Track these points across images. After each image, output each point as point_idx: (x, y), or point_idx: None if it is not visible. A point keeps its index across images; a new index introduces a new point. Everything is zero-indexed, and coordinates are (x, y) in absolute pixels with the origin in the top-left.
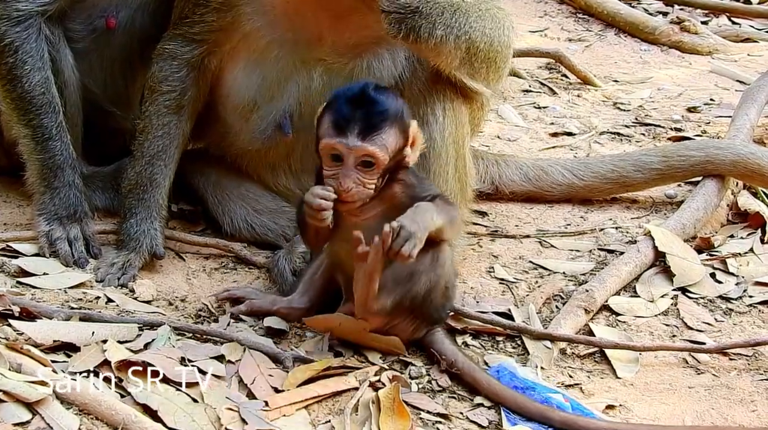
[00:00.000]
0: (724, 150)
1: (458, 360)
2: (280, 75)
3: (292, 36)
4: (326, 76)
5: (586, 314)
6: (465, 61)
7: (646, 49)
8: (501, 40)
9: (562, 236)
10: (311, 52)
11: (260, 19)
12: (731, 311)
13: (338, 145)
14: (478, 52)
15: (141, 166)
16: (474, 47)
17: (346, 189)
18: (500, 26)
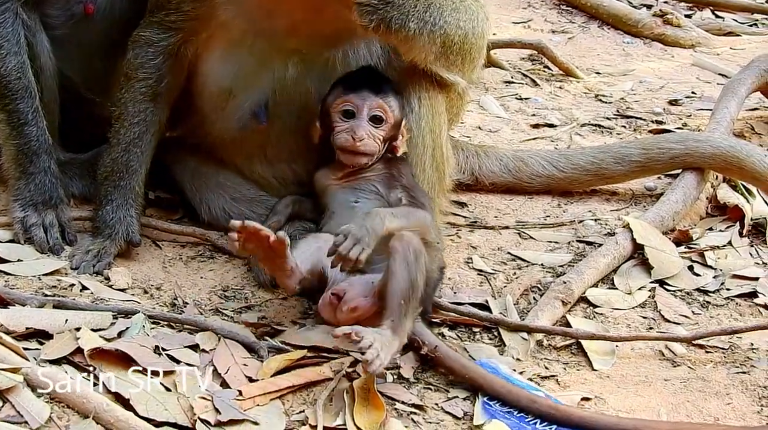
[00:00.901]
0: (703, 143)
1: (438, 346)
2: (256, 64)
3: (267, 26)
4: (301, 66)
5: (563, 305)
6: (440, 54)
7: (629, 41)
8: (475, 32)
9: (541, 227)
10: (286, 42)
11: (235, 8)
12: (708, 304)
13: (354, 98)
14: (452, 44)
15: (117, 153)
16: (449, 40)
17: (360, 137)
18: (475, 18)
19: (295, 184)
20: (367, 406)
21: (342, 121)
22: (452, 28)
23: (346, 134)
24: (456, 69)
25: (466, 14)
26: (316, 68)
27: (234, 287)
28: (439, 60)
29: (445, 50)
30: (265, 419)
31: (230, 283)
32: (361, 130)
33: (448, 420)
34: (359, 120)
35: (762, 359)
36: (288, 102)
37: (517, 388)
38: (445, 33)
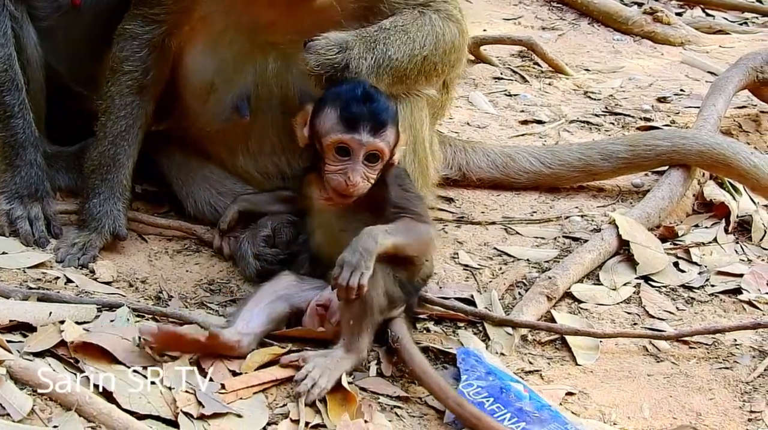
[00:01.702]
0: (690, 140)
1: (402, 339)
2: (237, 58)
3: (247, 20)
4: (281, 60)
5: (548, 301)
6: (394, 83)
7: (619, 38)
8: (438, 51)
9: (527, 223)
10: (266, 36)
11: (216, 2)
12: (693, 300)
13: (351, 140)
14: (407, 72)
15: (104, 146)
16: (400, 72)
17: (355, 183)
18: (436, 38)
19: (278, 178)
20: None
21: (335, 159)
22: (402, 60)
23: (340, 176)
24: (420, 86)
25: (424, 38)
26: (296, 63)
27: (219, 280)
28: (396, 87)
29: (399, 79)
30: (248, 413)
31: (216, 276)
32: (356, 175)
33: (431, 414)
34: (354, 163)
35: (745, 355)
36: (269, 96)
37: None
38: (394, 67)
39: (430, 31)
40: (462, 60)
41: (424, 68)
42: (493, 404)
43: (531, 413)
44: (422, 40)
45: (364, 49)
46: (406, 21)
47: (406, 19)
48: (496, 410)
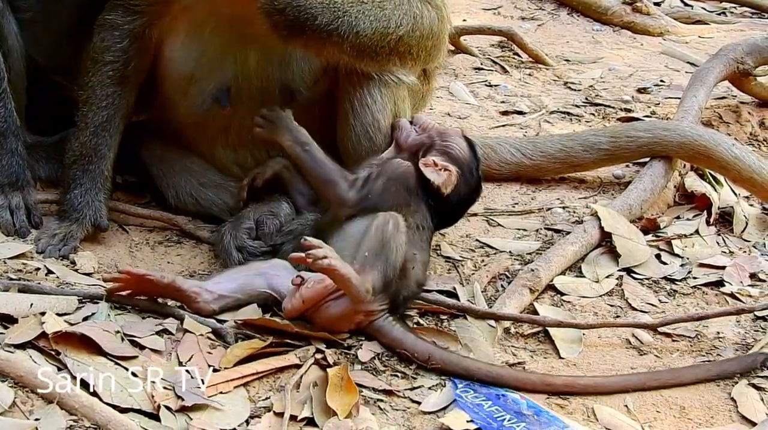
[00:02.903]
0: (671, 132)
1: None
2: (217, 50)
3: (227, 12)
4: (262, 52)
5: (531, 293)
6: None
7: (599, 29)
8: (415, 32)
9: (509, 214)
10: (247, 29)
11: None
12: (675, 293)
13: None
14: (378, 50)
15: (85, 136)
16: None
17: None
18: (414, 19)
19: None
20: (341, 391)
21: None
22: (373, 37)
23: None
24: (394, 67)
25: (400, 18)
26: (276, 56)
27: (201, 271)
28: (365, 62)
29: (368, 55)
30: (229, 406)
31: (197, 268)
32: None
33: (414, 408)
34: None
35: (728, 348)
36: (250, 88)
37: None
38: (361, 42)
39: (408, 11)
40: (441, 48)
41: (398, 48)
42: (491, 406)
43: (530, 416)
44: (398, 19)
45: (331, 17)
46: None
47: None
48: (495, 412)
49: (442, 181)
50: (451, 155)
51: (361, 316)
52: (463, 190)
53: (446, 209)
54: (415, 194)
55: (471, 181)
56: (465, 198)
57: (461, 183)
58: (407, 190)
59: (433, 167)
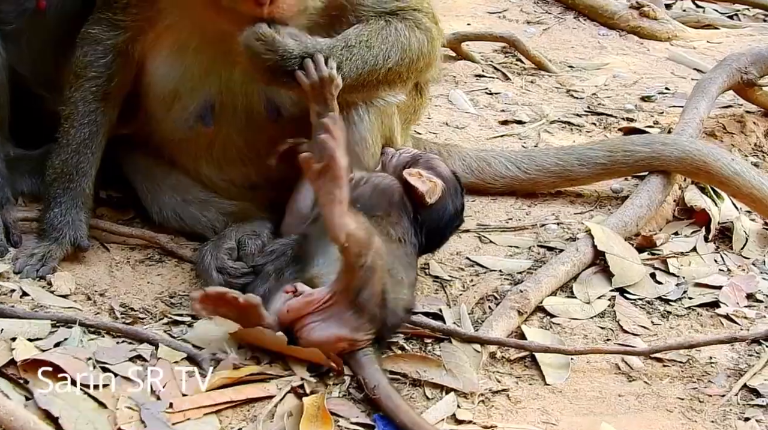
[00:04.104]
0: (669, 146)
1: (380, 387)
2: (201, 67)
3: (211, 29)
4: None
5: (519, 315)
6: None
7: (605, 33)
8: (404, 60)
9: (502, 231)
10: (231, 46)
11: (181, 12)
12: (669, 314)
13: None
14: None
15: (67, 154)
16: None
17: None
18: (404, 48)
19: (244, 188)
20: (316, 421)
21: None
22: (360, 74)
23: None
24: (383, 95)
25: (387, 50)
26: None
27: (181, 292)
28: (352, 96)
29: (355, 89)
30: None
31: (178, 288)
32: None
33: None
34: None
35: (720, 374)
36: (234, 106)
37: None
38: (348, 84)
39: (395, 42)
40: (433, 65)
41: (386, 78)
42: None
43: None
44: (386, 52)
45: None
46: (371, 34)
47: (371, 30)
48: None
49: (426, 188)
50: (435, 170)
51: (345, 343)
52: (447, 207)
53: (430, 227)
54: (397, 207)
55: (456, 200)
56: (449, 218)
57: (446, 197)
58: (389, 203)
59: (418, 177)
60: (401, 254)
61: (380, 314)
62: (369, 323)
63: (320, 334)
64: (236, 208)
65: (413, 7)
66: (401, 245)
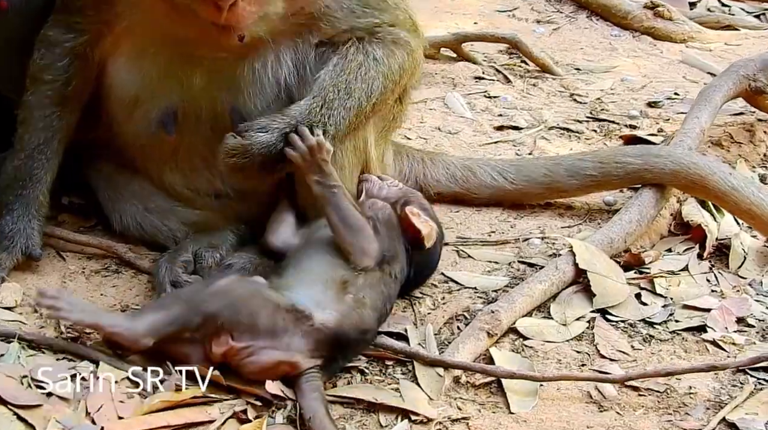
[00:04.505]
0: (663, 158)
1: (316, 418)
2: (161, 72)
3: (171, 32)
4: (209, 76)
5: (488, 337)
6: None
7: (617, 34)
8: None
9: (482, 244)
10: (192, 50)
11: (140, 14)
12: (651, 338)
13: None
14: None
15: (20, 160)
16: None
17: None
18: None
19: (209, 197)
20: None
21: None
22: (349, 122)
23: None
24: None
25: (369, 87)
26: (224, 79)
27: (134, 306)
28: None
29: (348, 136)
30: None
31: (131, 301)
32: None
33: None
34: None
35: (698, 406)
36: (198, 112)
37: None
38: (340, 135)
39: (376, 75)
40: (415, 74)
41: (374, 111)
42: None
43: None
44: (368, 89)
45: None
46: (350, 77)
47: (348, 72)
48: None
49: (427, 232)
50: (428, 212)
51: (286, 367)
52: (437, 253)
53: (417, 268)
54: (399, 243)
55: (440, 247)
56: (434, 265)
57: (437, 243)
58: (397, 239)
59: (418, 218)
60: (380, 283)
61: (310, 329)
62: (301, 341)
63: (258, 363)
64: (199, 219)
65: (390, 23)
66: (392, 281)
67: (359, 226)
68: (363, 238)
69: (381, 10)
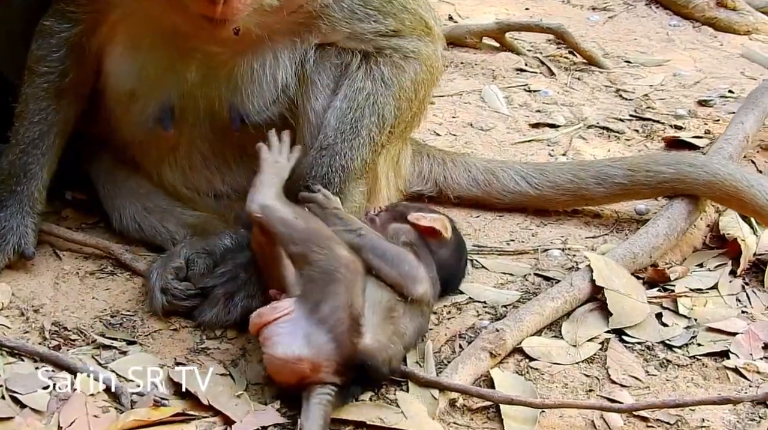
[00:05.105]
0: (698, 168)
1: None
2: (158, 65)
3: (167, 23)
4: (205, 71)
5: (491, 358)
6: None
7: (676, 24)
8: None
9: (499, 254)
10: (188, 44)
11: (133, 4)
12: (668, 363)
13: None
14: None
15: (15, 154)
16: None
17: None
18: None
19: (208, 197)
20: None
21: None
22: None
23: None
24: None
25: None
26: (222, 76)
27: (125, 311)
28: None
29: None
30: None
31: (122, 307)
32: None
33: None
34: None
35: None
36: (196, 109)
37: None
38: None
39: (386, 100)
40: (435, 79)
41: (390, 138)
42: None
43: None
44: (380, 119)
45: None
46: (355, 112)
47: (351, 105)
48: None
49: (440, 225)
50: (428, 208)
51: (306, 366)
52: (461, 237)
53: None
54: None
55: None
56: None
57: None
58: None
59: (425, 219)
60: (419, 313)
61: (351, 345)
62: (335, 350)
63: (283, 350)
64: (198, 221)
65: (395, 30)
66: (428, 309)
67: (400, 256)
68: (409, 266)
69: (385, 13)
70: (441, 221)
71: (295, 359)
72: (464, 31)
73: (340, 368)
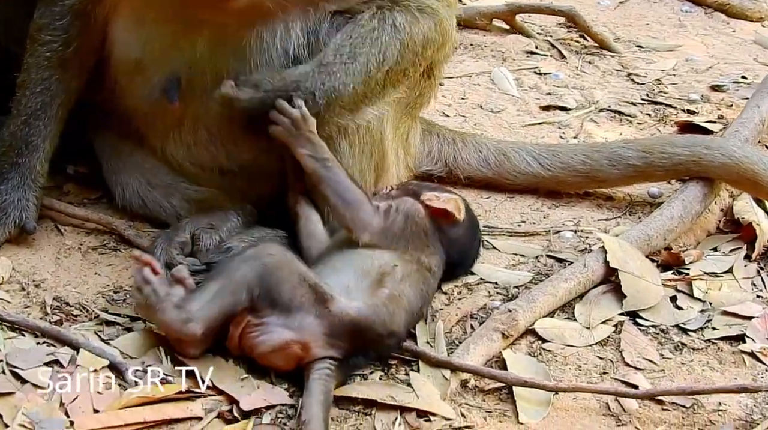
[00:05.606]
0: (714, 150)
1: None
2: (164, 36)
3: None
4: (213, 42)
5: (503, 339)
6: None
7: (688, 10)
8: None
9: (510, 235)
10: (195, 14)
11: None
12: (684, 346)
13: None
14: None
15: (16, 126)
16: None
17: None
18: (403, 44)
19: (213, 172)
20: None
21: None
22: (351, 91)
23: None
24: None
25: (381, 54)
26: (230, 48)
27: (127, 287)
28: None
29: (355, 105)
30: None
31: (125, 282)
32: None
33: None
34: None
35: (726, 425)
36: (203, 81)
37: None
38: (343, 103)
39: (391, 41)
40: (446, 47)
41: (388, 81)
42: None
43: None
44: (379, 55)
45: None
46: (356, 41)
47: (356, 36)
48: None
49: (453, 206)
50: (442, 188)
51: (297, 348)
52: (474, 218)
53: (462, 246)
54: (432, 236)
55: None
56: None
57: (468, 209)
58: (425, 232)
59: (437, 199)
60: (419, 280)
61: (327, 312)
62: (315, 323)
63: (270, 342)
64: (203, 196)
65: None
66: (431, 277)
67: (358, 199)
68: (363, 211)
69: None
70: (454, 201)
71: (284, 344)
72: (474, 13)
73: (330, 339)
